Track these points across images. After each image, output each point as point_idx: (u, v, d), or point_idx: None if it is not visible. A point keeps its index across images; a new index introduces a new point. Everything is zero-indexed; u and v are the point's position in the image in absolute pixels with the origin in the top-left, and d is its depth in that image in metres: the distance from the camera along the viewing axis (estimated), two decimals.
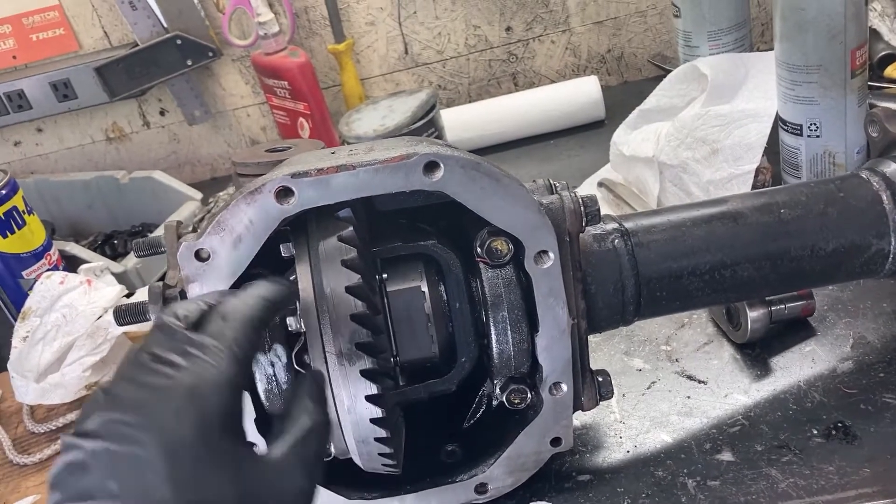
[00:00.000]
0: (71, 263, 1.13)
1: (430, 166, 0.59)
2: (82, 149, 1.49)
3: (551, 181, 0.69)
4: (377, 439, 0.59)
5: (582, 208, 0.63)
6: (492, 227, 0.62)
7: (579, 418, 0.77)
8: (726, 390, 0.77)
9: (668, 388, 0.79)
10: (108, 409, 0.42)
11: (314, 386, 0.52)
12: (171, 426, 0.41)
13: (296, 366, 0.61)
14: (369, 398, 0.58)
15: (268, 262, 0.61)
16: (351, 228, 0.59)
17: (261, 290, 0.51)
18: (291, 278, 0.59)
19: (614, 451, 0.74)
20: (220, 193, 1.35)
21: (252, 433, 0.61)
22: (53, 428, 0.94)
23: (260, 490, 0.44)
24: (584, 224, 0.63)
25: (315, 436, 0.49)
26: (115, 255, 1.26)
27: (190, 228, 0.67)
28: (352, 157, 0.59)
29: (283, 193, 0.57)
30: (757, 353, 0.80)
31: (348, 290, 0.57)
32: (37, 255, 1.07)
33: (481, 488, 0.69)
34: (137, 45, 1.35)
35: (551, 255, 0.62)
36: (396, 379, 0.66)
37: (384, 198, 0.63)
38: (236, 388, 0.45)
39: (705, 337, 0.84)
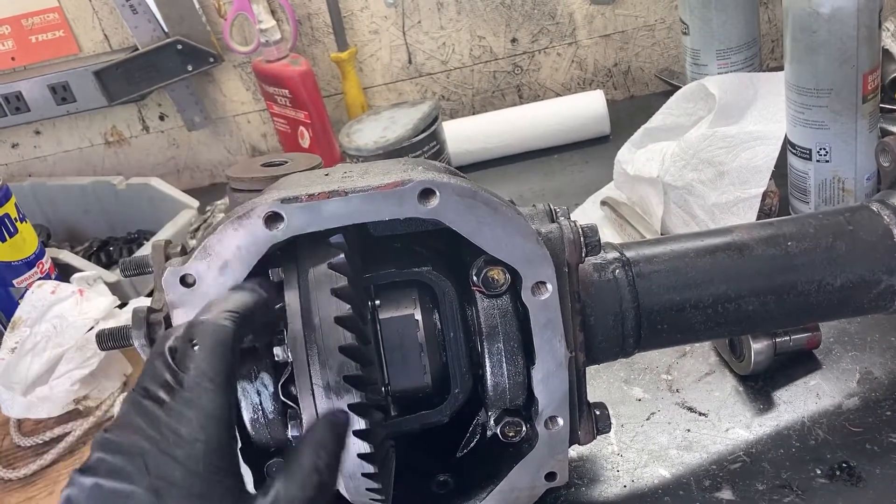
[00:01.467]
0: (64, 272, 1.11)
1: (425, 193, 0.57)
2: (81, 152, 1.47)
3: (552, 206, 0.67)
4: (365, 475, 0.57)
5: (582, 238, 0.61)
6: (488, 256, 0.60)
7: (575, 449, 0.75)
8: (727, 424, 0.75)
9: (667, 420, 0.77)
10: (102, 450, 0.44)
11: (329, 438, 0.52)
12: (159, 468, 0.43)
13: (282, 396, 0.59)
14: (357, 433, 0.55)
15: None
16: (342, 255, 0.57)
17: (230, 304, 0.51)
18: (278, 306, 0.57)
19: (611, 486, 0.72)
20: (217, 202, 1.33)
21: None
22: (40, 442, 0.93)
23: None
24: (583, 255, 0.61)
25: (317, 477, 0.48)
26: (110, 263, 1.24)
27: (178, 248, 0.66)
28: (345, 182, 0.57)
29: (273, 219, 0.55)
30: (760, 385, 0.78)
31: (338, 320, 0.55)
32: (29, 264, 1.05)
33: None
34: (137, 49, 1.33)
35: (549, 286, 0.60)
36: (387, 409, 0.64)
37: (379, 223, 0.61)
38: (221, 420, 0.46)
39: (707, 367, 0.82)
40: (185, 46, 1.32)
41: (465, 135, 1.27)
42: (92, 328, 0.96)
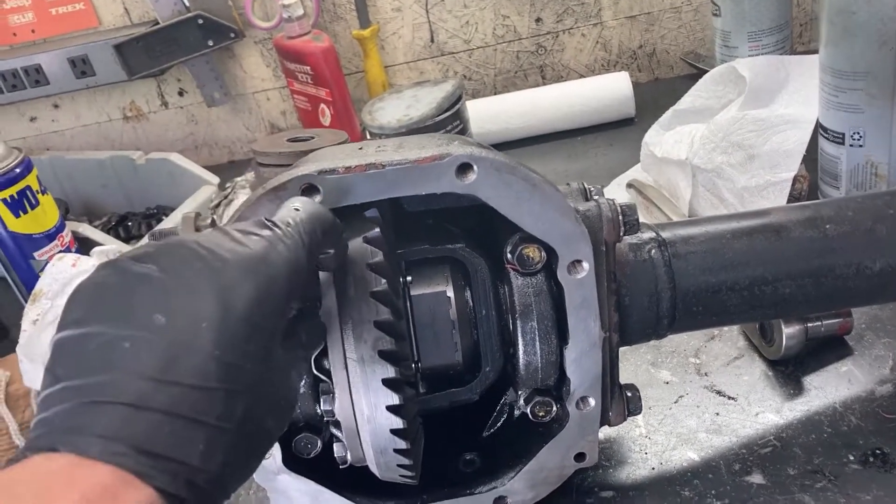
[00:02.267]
0: (84, 245, 1.10)
1: (463, 168, 0.56)
2: (99, 127, 1.46)
3: (585, 185, 0.65)
4: (396, 450, 0.57)
5: (620, 217, 0.60)
6: (524, 234, 0.59)
7: (604, 431, 0.73)
8: (757, 408, 0.74)
9: (696, 404, 0.76)
10: (176, 248, 0.41)
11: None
12: (233, 285, 0.40)
13: (315, 371, 0.59)
14: (390, 408, 0.55)
15: None
16: (377, 230, 0.56)
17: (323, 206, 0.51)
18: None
19: (639, 468, 0.71)
20: (238, 178, 1.32)
21: None
22: None
23: (278, 380, 0.43)
24: (621, 234, 0.60)
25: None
26: (129, 238, 1.24)
27: (208, 221, 0.65)
28: (380, 155, 0.57)
29: (308, 191, 0.55)
30: (790, 370, 0.77)
31: (373, 295, 0.54)
32: (49, 236, 1.05)
33: (500, 501, 0.66)
34: (158, 23, 1.32)
35: (586, 265, 0.59)
36: (417, 386, 0.63)
37: (413, 198, 0.60)
38: (300, 274, 0.44)
39: (736, 351, 0.81)
40: (206, 21, 1.31)
41: (487, 115, 1.26)
42: None
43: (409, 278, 0.62)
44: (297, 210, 0.47)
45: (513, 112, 1.27)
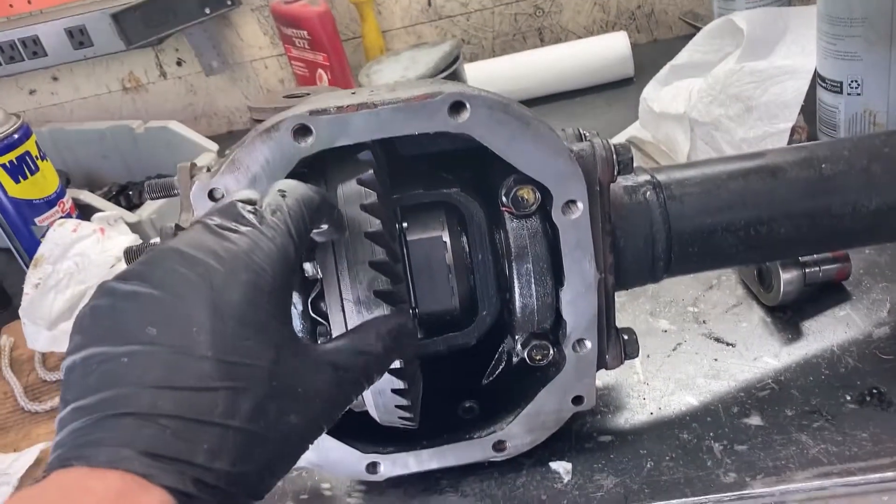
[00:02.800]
0: (84, 212, 1.11)
1: (456, 107, 0.56)
2: (98, 98, 1.46)
3: (581, 130, 0.65)
4: (394, 391, 0.57)
5: (614, 156, 0.59)
6: (518, 175, 0.59)
7: (601, 379, 0.74)
8: (755, 353, 0.74)
9: (694, 351, 0.76)
10: (159, 259, 0.42)
11: (388, 324, 0.51)
12: (221, 286, 0.41)
13: (311, 313, 0.59)
14: None
15: None
16: (371, 171, 0.56)
17: (314, 188, 0.49)
18: None
19: (637, 413, 0.71)
20: (236, 146, 1.32)
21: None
22: None
23: (295, 372, 0.42)
24: (615, 173, 0.60)
25: (364, 358, 0.48)
26: (130, 206, 1.24)
27: (204, 170, 0.65)
28: (373, 96, 0.56)
29: (301, 132, 0.55)
30: (788, 316, 0.77)
31: (368, 235, 0.54)
32: (50, 202, 1.05)
33: (499, 445, 0.67)
34: None
35: (580, 205, 0.59)
36: (414, 331, 0.64)
37: (406, 141, 0.60)
38: (289, 263, 0.44)
39: (734, 299, 0.81)
40: None
41: (486, 77, 1.25)
42: (114, 266, 0.96)
43: (404, 224, 0.62)
44: (283, 196, 0.46)
45: (512, 74, 1.27)
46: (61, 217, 1.05)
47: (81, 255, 0.96)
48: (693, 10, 1.36)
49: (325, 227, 0.51)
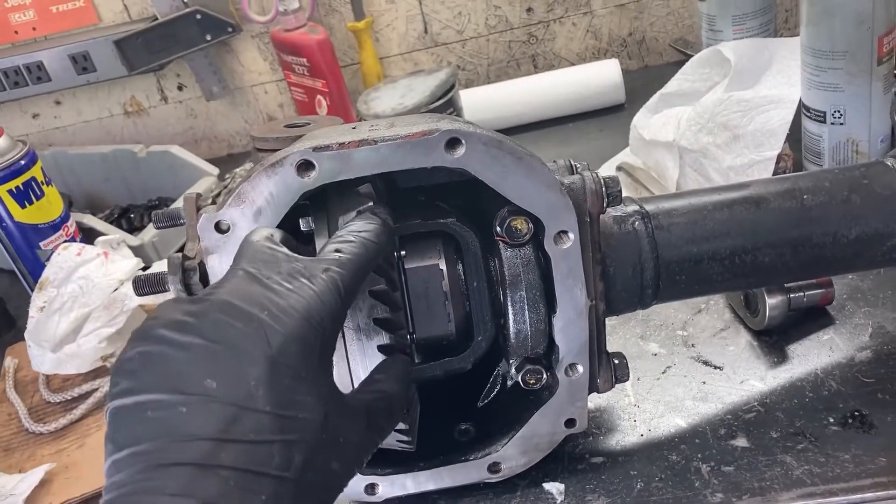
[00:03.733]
0: (88, 235, 1.13)
1: (452, 143, 0.58)
2: (100, 122, 1.49)
3: (572, 162, 0.68)
4: None
5: (603, 189, 0.62)
6: (512, 206, 0.61)
7: (593, 401, 0.76)
8: (742, 376, 0.77)
9: (683, 374, 0.78)
10: (211, 311, 0.43)
11: (402, 367, 0.54)
12: (276, 342, 0.42)
13: None
14: None
15: None
16: (371, 204, 0.59)
17: (371, 230, 0.52)
18: None
19: (628, 435, 0.74)
20: (237, 170, 1.35)
21: None
22: (69, 398, 0.95)
23: (338, 423, 0.44)
24: (605, 205, 0.63)
25: (388, 402, 0.51)
26: (132, 229, 1.26)
27: (209, 201, 0.67)
28: (373, 132, 0.59)
29: (305, 167, 0.57)
30: (774, 340, 0.80)
31: None
32: (54, 227, 1.07)
33: (494, 467, 0.69)
34: (157, 18, 1.35)
35: (571, 235, 0.61)
36: (412, 356, 0.66)
37: (404, 174, 0.62)
38: (338, 322, 0.47)
39: (722, 323, 0.83)
40: (203, 16, 1.33)
41: (481, 103, 1.28)
42: (117, 289, 0.98)
43: (402, 252, 0.64)
44: (340, 255, 0.48)
45: (506, 100, 1.30)
46: (65, 241, 1.07)
47: (85, 278, 0.98)
48: (683, 37, 1.39)
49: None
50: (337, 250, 0.49)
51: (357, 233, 0.51)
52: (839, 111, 0.91)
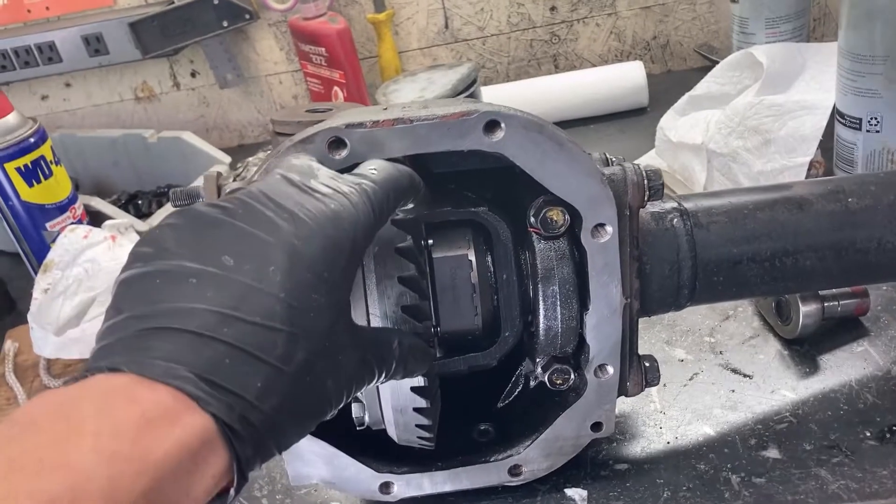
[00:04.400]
0: (95, 219, 1.10)
1: (491, 125, 0.56)
2: (110, 106, 1.46)
3: (607, 155, 0.65)
4: (416, 409, 0.57)
5: (646, 181, 0.59)
6: (548, 196, 0.58)
7: (618, 407, 0.73)
8: (773, 386, 0.74)
9: (711, 381, 0.76)
10: (247, 198, 0.42)
11: (408, 339, 0.51)
12: (304, 236, 0.41)
13: None
14: None
15: None
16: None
17: (404, 168, 0.51)
18: None
19: (654, 442, 0.71)
20: (250, 158, 1.32)
21: None
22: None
23: (342, 340, 0.43)
24: (646, 198, 0.60)
25: (384, 355, 0.48)
26: (140, 215, 1.24)
27: (231, 179, 0.65)
28: (407, 112, 0.56)
29: (336, 144, 0.54)
30: (805, 349, 0.77)
31: (398, 251, 0.54)
32: (62, 208, 1.05)
33: (515, 470, 0.66)
34: (173, 2, 1.32)
35: (609, 228, 0.59)
36: (434, 350, 0.63)
37: (437, 158, 0.59)
38: (368, 236, 0.45)
39: (751, 330, 0.81)
40: (221, 1, 1.31)
41: (501, 101, 1.24)
42: None
43: (430, 241, 0.61)
44: (374, 172, 0.48)
45: (527, 99, 1.27)
46: (72, 223, 1.05)
47: (91, 261, 0.95)
48: (708, 42, 1.37)
49: (410, 205, 0.52)
50: (372, 170, 0.48)
51: (388, 162, 0.51)
52: (876, 118, 0.88)
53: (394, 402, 0.57)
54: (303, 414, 0.41)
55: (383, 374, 0.48)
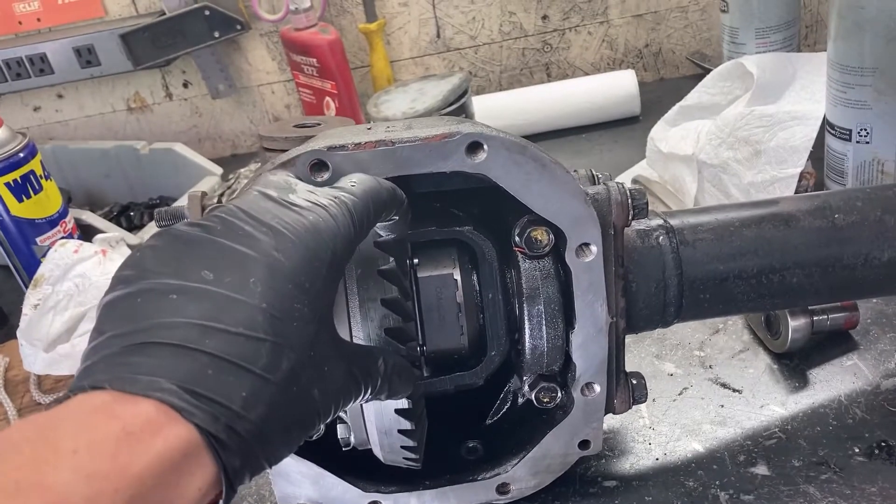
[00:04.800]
0: (86, 233, 1.10)
1: (473, 147, 0.55)
2: (102, 117, 1.46)
3: (593, 171, 0.65)
4: (401, 431, 0.56)
5: (629, 201, 0.59)
6: (532, 216, 0.58)
7: (606, 422, 0.73)
8: (762, 401, 0.74)
9: (700, 396, 0.75)
10: (225, 214, 0.42)
11: (392, 358, 0.51)
12: (284, 248, 0.41)
13: None
14: None
15: None
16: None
17: (385, 182, 0.51)
18: None
19: (642, 458, 0.71)
20: (242, 170, 1.32)
21: None
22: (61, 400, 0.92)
23: (327, 350, 0.43)
24: (630, 217, 0.60)
25: (368, 372, 0.48)
26: (132, 227, 1.23)
27: (215, 199, 0.65)
28: (390, 134, 0.56)
29: (318, 167, 0.54)
30: (795, 364, 0.77)
31: (381, 273, 0.54)
32: (52, 222, 1.04)
33: (503, 488, 0.66)
34: (164, 13, 1.32)
35: (594, 248, 0.58)
36: (421, 369, 0.63)
37: (420, 178, 0.59)
38: (349, 248, 0.45)
39: (741, 344, 0.80)
40: (212, 12, 1.31)
41: (493, 110, 1.25)
42: None
43: (415, 260, 0.61)
44: (354, 184, 0.48)
45: (519, 108, 1.27)
46: (63, 237, 1.04)
47: (82, 276, 0.95)
48: (700, 50, 1.37)
49: (395, 218, 0.52)
50: (352, 183, 0.48)
51: (368, 176, 0.51)
52: (865, 129, 0.88)
53: (378, 423, 0.56)
54: (291, 425, 0.41)
55: (369, 390, 0.48)
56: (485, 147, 0.55)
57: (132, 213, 1.27)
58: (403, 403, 0.55)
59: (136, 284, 0.39)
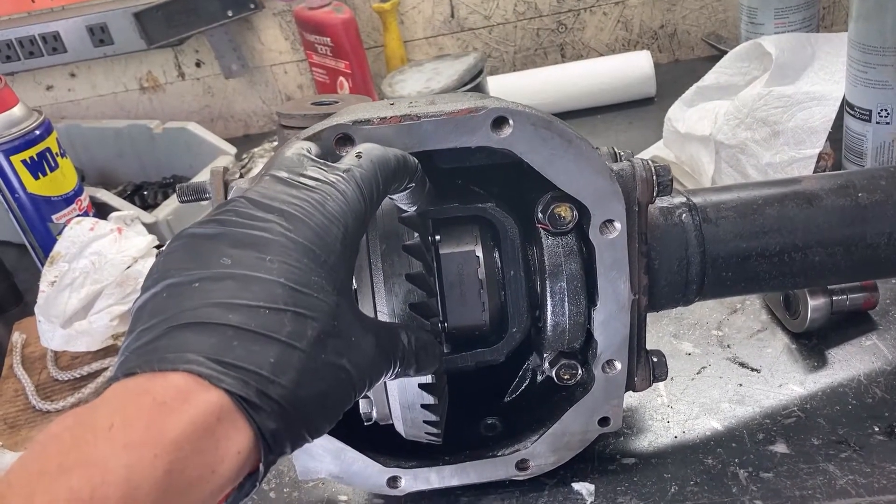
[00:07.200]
0: (101, 211, 1.10)
1: (499, 122, 0.55)
2: (115, 97, 1.46)
3: (615, 149, 0.65)
4: (424, 406, 0.57)
5: (654, 177, 0.59)
6: (556, 192, 0.58)
7: (625, 401, 0.73)
8: (781, 380, 0.74)
9: (718, 375, 0.76)
10: (234, 205, 0.43)
11: (416, 333, 0.51)
12: (295, 224, 0.42)
13: None
14: None
15: None
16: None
17: (393, 150, 0.51)
18: None
19: (661, 436, 0.71)
20: (255, 149, 1.32)
21: None
22: (77, 376, 0.92)
23: (351, 322, 0.43)
24: (654, 194, 0.59)
25: (394, 346, 0.48)
26: (145, 206, 1.23)
27: (237, 175, 0.64)
28: (414, 108, 0.56)
29: (343, 141, 0.54)
30: (813, 343, 0.77)
31: (405, 248, 0.54)
32: (67, 200, 1.04)
33: (522, 464, 0.66)
34: None
35: (618, 225, 0.58)
36: (442, 345, 0.63)
37: (444, 154, 0.59)
38: (359, 221, 0.45)
39: (759, 324, 0.80)
40: None
41: (508, 91, 1.25)
42: (130, 266, 0.95)
43: (437, 237, 0.61)
44: (359, 156, 0.48)
45: (534, 88, 1.26)
46: (78, 215, 1.05)
47: (98, 254, 0.95)
48: (716, 31, 1.36)
49: (411, 185, 0.52)
50: (357, 154, 0.48)
51: (373, 144, 0.51)
52: (886, 110, 0.88)
53: (401, 398, 0.57)
54: (326, 394, 0.42)
55: (398, 365, 0.49)
56: (510, 122, 0.55)
57: (146, 193, 1.27)
58: (427, 378, 0.55)
59: (160, 284, 0.41)
